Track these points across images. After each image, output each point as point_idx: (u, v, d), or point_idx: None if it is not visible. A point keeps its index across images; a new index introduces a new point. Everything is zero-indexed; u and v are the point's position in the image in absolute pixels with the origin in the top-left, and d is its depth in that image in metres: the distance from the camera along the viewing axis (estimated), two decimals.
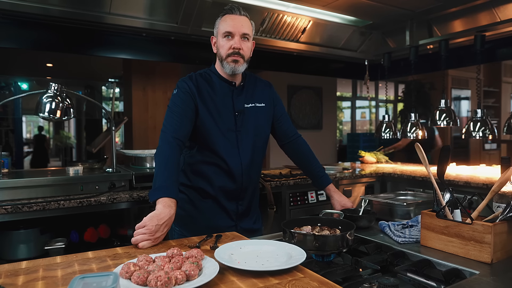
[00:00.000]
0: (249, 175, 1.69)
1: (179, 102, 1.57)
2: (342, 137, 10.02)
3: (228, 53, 1.58)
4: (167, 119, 1.57)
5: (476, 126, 3.01)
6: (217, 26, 1.62)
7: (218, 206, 1.67)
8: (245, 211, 1.73)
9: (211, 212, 1.67)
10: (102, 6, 2.52)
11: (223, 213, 1.68)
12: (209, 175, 1.65)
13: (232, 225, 1.68)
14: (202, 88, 1.62)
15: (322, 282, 0.95)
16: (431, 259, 1.18)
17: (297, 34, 3.28)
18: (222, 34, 1.58)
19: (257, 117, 1.70)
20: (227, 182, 1.65)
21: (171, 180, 1.43)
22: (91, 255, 1.16)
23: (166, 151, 1.49)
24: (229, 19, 1.58)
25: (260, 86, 1.76)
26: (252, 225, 1.76)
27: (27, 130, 12.86)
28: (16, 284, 0.94)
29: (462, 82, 7.50)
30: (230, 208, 1.68)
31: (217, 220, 1.67)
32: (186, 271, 0.92)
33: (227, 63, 1.59)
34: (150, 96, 5.22)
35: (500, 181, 1.19)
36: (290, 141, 1.88)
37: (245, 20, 1.60)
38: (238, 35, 1.57)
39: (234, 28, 1.56)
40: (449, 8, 2.99)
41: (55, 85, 2.15)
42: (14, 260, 1.98)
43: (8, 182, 1.94)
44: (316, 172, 1.86)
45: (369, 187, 3.25)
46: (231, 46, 1.57)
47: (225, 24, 1.58)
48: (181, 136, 1.54)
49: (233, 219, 1.70)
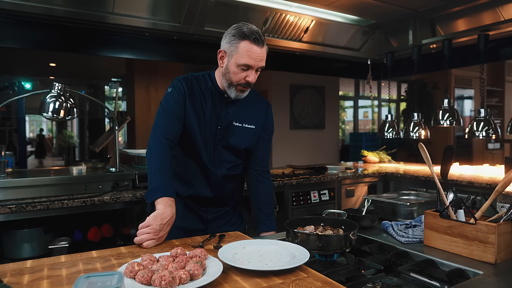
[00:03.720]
0: (223, 187, 1.65)
1: (172, 102, 1.55)
2: (344, 137, 10.01)
3: (240, 83, 1.51)
4: (159, 117, 1.55)
5: (479, 126, 3.00)
6: (234, 49, 1.47)
7: (189, 210, 1.65)
8: (218, 216, 1.68)
9: (182, 214, 1.61)
10: (105, 6, 2.52)
11: (194, 216, 1.65)
12: (184, 181, 1.62)
13: (203, 228, 1.65)
14: (195, 92, 1.58)
15: (326, 282, 0.95)
16: (434, 259, 1.18)
17: (300, 34, 3.28)
18: (239, 64, 1.47)
19: (240, 137, 1.62)
20: (199, 190, 1.62)
21: (167, 180, 1.43)
22: (95, 255, 1.16)
23: (159, 151, 1.48)
24: (252, 51, 1.45)
25: (256, 106, 1.68)
26: (228, 228, 1.68)
27: (30, 129, 12.98)
28: (22, 283, 0.94)
29: (465, 81, 7.47)
30: (201, 212, 1.66)
31: (188, 222, 1.63)
32: (190, 271, 0.93)
33: (234, 89, 1.54)
34: (153, 96, 5.23)
35: (504, 181, 1.19)
36: (256, 170, 1.72)
37: (264, 52, 1.50)
38: (255, 68, 1.49)
39: (255, 62, 1.47)
40: (452, 7, 2.98)
41: (58, 85, 2.16)
42: (18, 258, 1.99)
43: (12, 182, 1.95)
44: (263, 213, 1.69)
45: (371, 186, 3.24)
46: (245, 77, 1.50)
47: (246, 56, 1.45)
48: (172, 137, 1.52)
49: (203, 223, 1.66)
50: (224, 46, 1.52)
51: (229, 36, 1.49)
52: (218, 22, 2.91)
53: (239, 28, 1.47)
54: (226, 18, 2.88)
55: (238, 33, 1.47)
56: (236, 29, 1.48)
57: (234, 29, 1.49)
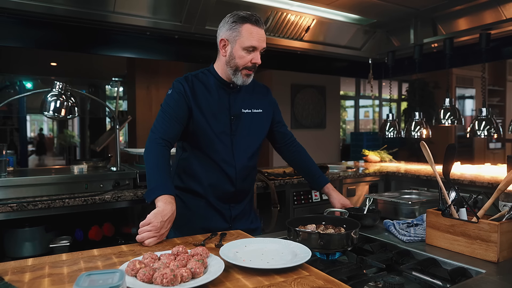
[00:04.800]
0: (243, 179, 1.66)
1: (172, 103, 1.55)
2: (345, 136, 10.00)
3: (247, 66, 1.54)
4: (158, 119, 1.56)
5: (481, 125, 2.99)
6: (237, 34, 1.51)
7: (211, 208, 1.65)
8: (240, 214, 1.70)
9: (205, 214, 1.64)
10: (106, 5, 2.52)
11: (217, 215, 1.66)
12: (203, 177, 1.62)
13: (227, 227, 1.65)
14: (198, 90, 1.59)
15: (328, 280, 0.95)
16: (436, 257, 1.18)
17: (301, 33, 3.27)
18: (245, 47, 1.51)
19: (253, 123, 1.67)
20: (221, 185, 1.63)
21: (166, 178, 1.43)
22: (97, 253, 1.16)
23: (156, 151, 1.49)
24: (255, 32, 1.51)
25: (258, 91, 1.74)
26: (250, 225, 1.73)
27: (31, 129, 13.08)
28: (23, 281, 0.94)
29: (467, 80, 7.46)
30: (224, 210, 1.66)
31: (211, 222, 1.64)
32: (191, 269, 0.93)
33: (240, 75, 1.56)
34: (154, 95, 5.23)
35: (506, 180, 1.18)
36: (286, 144, 1.87)
37: (265, 33, 1.56)
38: (259, 49, 1.54)
39: (259, 43, 1.52)
40: (454, 6, 2.97)
41: (59, 84, 2.16)
42: (19, 257, 1.99)
43: (13, 180, 1.95)
44: (313, 172, 1.86)
45: (373, 186, 3.24)
46: (251, 60, 1.53)
47: (250, 37, 1.50)
48: (169, 138, 1.53)
49: (227, 221, 1.67)
50: (225, 34, 1.55)
51: (228, 23, 1.54)
52: (219, 21, 2.86)
53: (237, 14, 1.53)
54: None
55: (237, 18, 1.52)
56: (234, 15, 1.53)
57: (231, 16, 1.54)
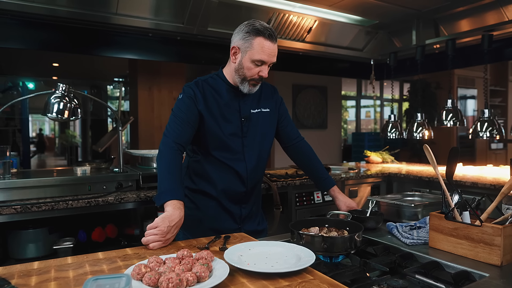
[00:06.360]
0: (253, 179, 1.69)
1: (183, 108, 1.58)
2: (347, 137, 9.99)
3: (253, 78, 1.57)
4: (170, 123, 1.58)
5: (483, 126, 2.99)
6: (248, 45, 1.52)
7: (222, 209, 1.68)
8: (249, 214, 1.74)
9: (215, 215, 1.67)
10: (108, 6, 2.53)
11: (227, 216, 1.69)
12: (214, 179, 1.65)
13: (236, 228, 1.69)
14: (208, 94, 1.62)
15: (332, 284, 0.95)
16: (440, 261, 1.18)
17: (302, 34, 3.28)
18: (254, 60, 1.52)
19: (262, 123, 1.70)
20: (232, 186, 1.66)
21: (176, 183, 1.44)
22: (102, 256, 1.17)
23: (168, 155, 1.50)
24: (266, 47, 1.51)
25: (265, 91, 1.75)
26: (256, 226, 1.77)
27: (33, 129, 13.21)
28: (29, 284, 0.95)
29: (468, 81, 7.45)
30: (234, 211, 1.69)
31: (221, 222, 1.67)
32: (197, 273, 0.93)
33: (247, 84, 1.58)
34: (156, 96, 5.24)
35: (510, 183, 1.18)
36: (293, 144, 1.88)
37: (276, 48, 1.56)
38: (268, 63, 1.55)
39: (269, 57, 1.53)
40: (456, 8, 2.97)
41: (63, 85, 2.16)
42: (23, 259, 2.00)
43: (17, 182, 1.96)
44: (320, 174, 1.86)
45: (375, 187, 3.24)
46: (258, 72, 1.55)
47: (261, 51, 1.51)
48: (182, 142, 1.55)
49: (237, 222, 1.70)
50: (237, 43, 1.55)
51: (242, 32, 1.53)
52: (221, 23, 2.91)
53: (252, 25, 1.52)
54: (229, 18, 2.88)
55: (252, 29, 1.51)
56: (250, 26, 1.52)
57: (247, 25, 1.53)
